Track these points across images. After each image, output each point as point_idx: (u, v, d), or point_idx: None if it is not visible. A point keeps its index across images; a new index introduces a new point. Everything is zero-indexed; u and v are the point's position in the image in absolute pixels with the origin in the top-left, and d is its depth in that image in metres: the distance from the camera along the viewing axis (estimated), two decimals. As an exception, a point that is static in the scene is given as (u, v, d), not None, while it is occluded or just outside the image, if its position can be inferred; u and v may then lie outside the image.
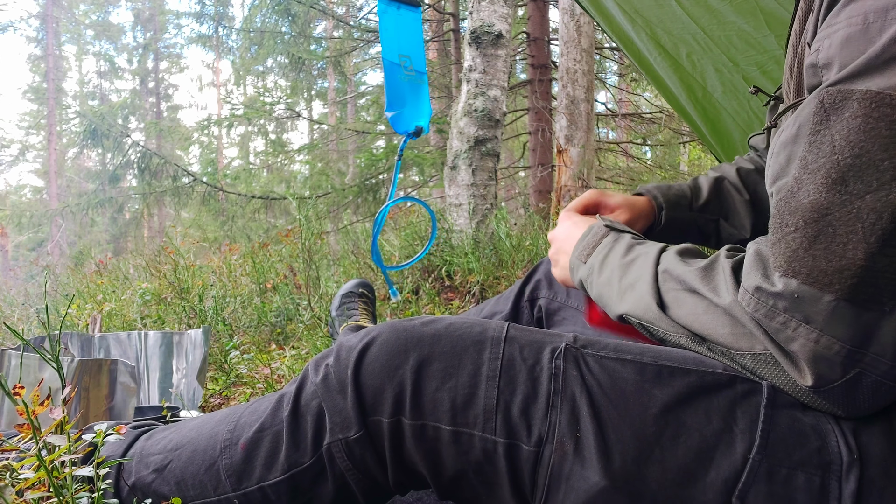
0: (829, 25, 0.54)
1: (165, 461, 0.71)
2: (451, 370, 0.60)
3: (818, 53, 0.54)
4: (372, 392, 0.62)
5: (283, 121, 13.36)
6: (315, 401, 0.65)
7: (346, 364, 0.64)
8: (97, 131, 8.58)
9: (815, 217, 0.50)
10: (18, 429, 0.65)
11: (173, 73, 24.67)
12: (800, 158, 0.53)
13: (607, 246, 0.74)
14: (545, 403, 0.57)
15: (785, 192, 0.53)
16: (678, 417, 0.55)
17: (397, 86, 1.20)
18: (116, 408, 1.12)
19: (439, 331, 0.63)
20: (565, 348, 0.60)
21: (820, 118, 0.51)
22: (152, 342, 1.52)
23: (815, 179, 0.51)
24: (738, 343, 0.56)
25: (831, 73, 0.52)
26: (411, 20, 1.21)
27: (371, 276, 2.97)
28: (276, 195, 7.16)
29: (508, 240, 3.06)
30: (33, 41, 21.48)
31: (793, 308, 0.51)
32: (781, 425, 0.53)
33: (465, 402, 0.59)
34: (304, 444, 0.65)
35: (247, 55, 12.45)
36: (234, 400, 1.62)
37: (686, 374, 0.57)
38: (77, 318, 2.45)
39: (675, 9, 1.42)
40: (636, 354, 0.60)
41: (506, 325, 0.64)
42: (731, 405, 0.55)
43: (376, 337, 0.64)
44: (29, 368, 1.07)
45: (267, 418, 0.67)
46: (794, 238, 0.52)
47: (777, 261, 0.53)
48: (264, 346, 2.14)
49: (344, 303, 1.58)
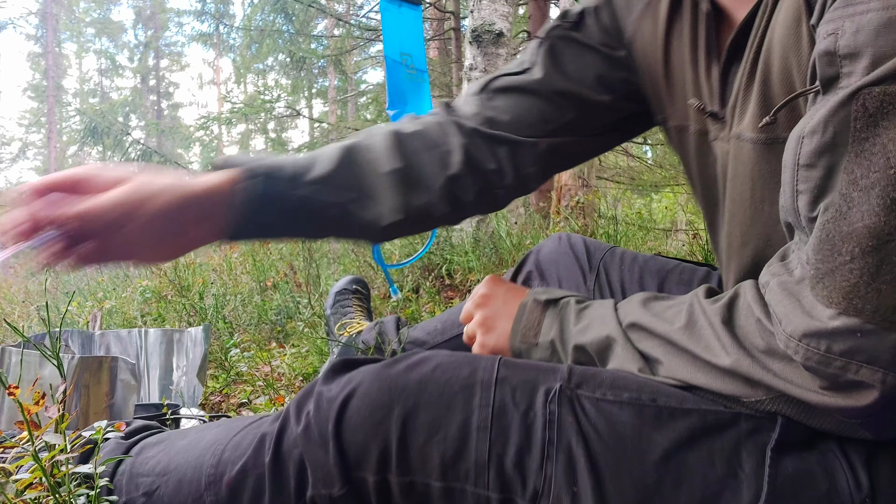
0: (848, 4, 0.45)
1: (154, 486, 0.69)
2: (440, 421, 0.56)
3: (836, 39, 0.45)
4: (355, 448, 0.58)
5: (284, 119, 13.35)
6: (297, 450, 0.61)
7: (326, 417, 0.59)
8: (97, 129, 8.58)
9: (875, 245, 0.43)
10: (19, 426, 0.65)
11: (174, 71, 24.68)
12: (845, 172, 0.44)
13: (555, 320, 0.69)
14: (540, 455, 0.54)
15: (833, 213, 0.45)
16: (680, 463, 0.51)
17: (399, 84, 1.20)
18: (117, 405, 1.12)
19: (425, 376, 0.58)
20: (559, 390, 0.56)
21: (864, 124, 0.43)
22: (153, 340, 1.52)
23: (868, 199, 0.43)
24: (752, 392, 0.52)
25: (859, 66, 0.44)
26: (412, 18, 1.21)
27: (371, 275, 2.97)
28: (277, 193, 7.15)
29: (509, 238, 3.06)
30: (33, 38, 21.48)
31: (853, 349, 0.44)
32: (788, 468, 0.50)
33: (456, 456, 0.55)
34: (287, 492, 0.61)
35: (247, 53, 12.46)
36: (234, 398, 1.62)
37: (686, 414, 0.53)
38: (77, 316, 2.45)
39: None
40: (633, 392, 0.55)
41: (496, 365, 0.59)
42: (736, 446, 0.51)
43: (357, 387, 0.60)
44: (29, 365, 1.07)
45: (249, 459, 0.63)
46: (851, 270, 0.44)
47: (832, 297, 0.45)
48: (264, 344, 2.14)
49: (338, 300, 1.55)
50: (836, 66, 0.46)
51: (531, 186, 0.86)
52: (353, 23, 8.88)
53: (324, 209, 0.73)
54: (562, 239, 1.13)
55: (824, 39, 0.47)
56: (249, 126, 17.50)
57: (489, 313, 0.77)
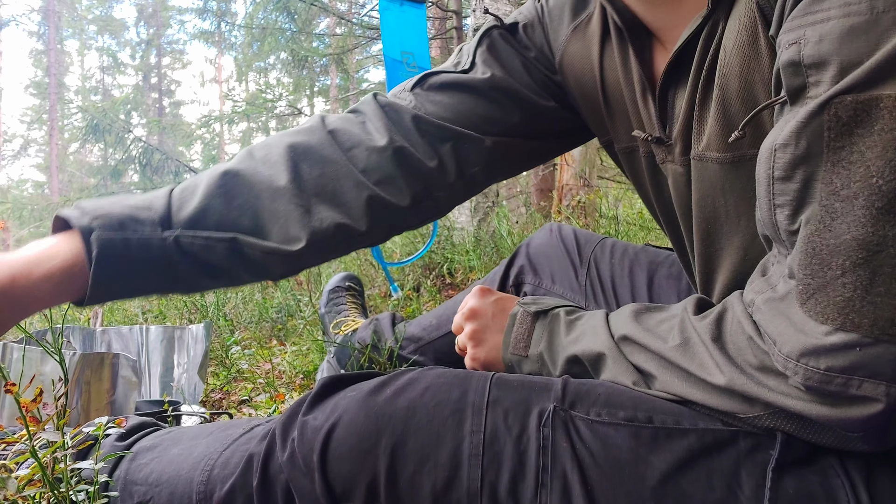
0: (808, 13, 0.44)
1: (147, 496, 0.69)
2: (429, 449, 0.54)
3: (800, 48, 0.44)
4: (341, 480, 0.57)
5: (285, 117, 13.35)
6: (283, 476, 0.60)
7: (310, 447, 0.58)
8: (99, 126, 8.58)
9: (865, 256, 0.42)
10: (20, 422, 0.65)
11: (176, 68, 24.67)
12: (824, 183, 0.43)
13: (544, 331, 0.68)
14: (534, 482, 0.52)
15: (816, 226, 0.44)
16: (678, 486, 0.50)
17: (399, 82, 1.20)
18: (118, 402, 1.12)
19: (413, 402, 0.56)
20: (553, 412, 0.54)
21: (838, 133, 0.42)
22: (154, 337, 1.52)
23: (853, 209, 0.42)
24: (750, 408, 0.51)
25: (826, 75, 0.43)
26: (415, 17, 1.21)
27: (372, 273, 2.97)
28: (278, 191, 7.15)
29: (510, 238, 3.06)
30: (35, 35, 21.49)
31: (854, 365, 0.43)
32: (789, 489, 0.49)
33: (447, 486, 0.54)
34: None
35: (249, 51, 12.47)
36: (234, 395, 1.62)
37: (684, 434, 0.52)
38: (79, 313, 2.45)
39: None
40: (629, 410, 0.54)
41: (488, 385, 0.57)
42: (735, 467, 0.50)
43: (342, 417, 0.58)
44: (31, 361, 1.07)
45: (238, 479, 0.63)
46: (844, 284, 0.43)
47: (826, 312, 0.44)
48: (265, 342, 2.15)
49: (332, 298, 1.53)
50: (802, 77, 0.45)
51: (473, 190, 0.80)
52: (354, 21, 8.88)
53: (208, 250, 0.62)
54: (553, 230, 1.12)
55: (787, 49, 0.46)
56: (251, 124, 17.52)
57: (478, 326, 0.76)
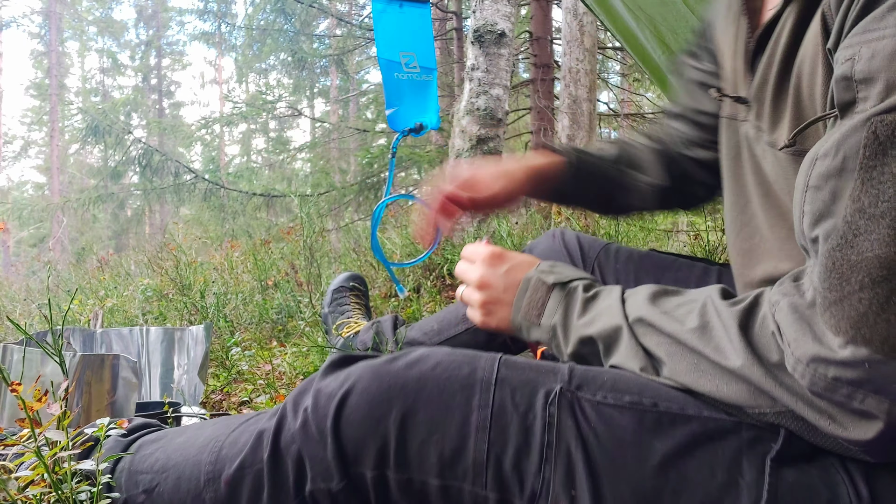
0: (866, 31, 0.46)
1: (153, 483, 0.69)
2: (438, 420, 0.56)
3: (853, 64, 0.46)
4: (353, 445, 0.58)
5: (285, 119, 13.35)
6: (294, 446, 0.61)
7: (324, 413, 0.60)
8: (99, 128, 8.58)
9: (885, 275, 0.43)
10: (20, 423, 0.65)
11: (176, 70, 24.70)
12: (851, 199, 0.44)
13: (559, 304, 0.68)
14: (538, 457, 0.54)
15: (838, 240, 0.45)
16: (680, 470, 0.51)
17: (394, 84, 1.20)
18: (118, 403, 1.12)
19: (424, 374, 0.59)
20: (560, 392, 0.56)
21: (874, 151, 0.43)
22: (154, 338, 1.52)
23: (878, 228, 0.43)
24: (756, 402, 0.52)
25: (873, 91, 0.44)
26: (418, 17, 1.21)
27: (372, 274, 2.97)
28: (278, 193, 7.16)
29: (510, 238, 3.06)
30: (36, 37, 21.50)
31: (862, 379, 0.44)
32: (789, 478, 0.50)
33: (454, 456, 0.56)
34: (287, 488, 0.62)
35: (249, 52, 12.46)
36: (234, 396, 1.62)
37: (688, 421, 0.53)
38: (79, 314, 2.45)
39: (679, 6, 1.41)
40: (635, 395, 0.55)
41: (496, 364, 0.59)
42: (737, 455, 0.51)
43: (356, 384, 0.60)
44: (31, 363, 1.07)
45: (247, 455, 0.64)
46: (860, 300, 0.44)
47: (841, 325, 0.45)
48: (265, 343, 2.15)
49: (335, 298, 1.54)
50: (852, 91, 0.46)
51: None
52: (354, 22, 8.88)
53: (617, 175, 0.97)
54: (556, 236, 1.12)
55: (842, 65, 0.47)
56: (251, 125, 17.51)
57: (488, 298, 0.76)
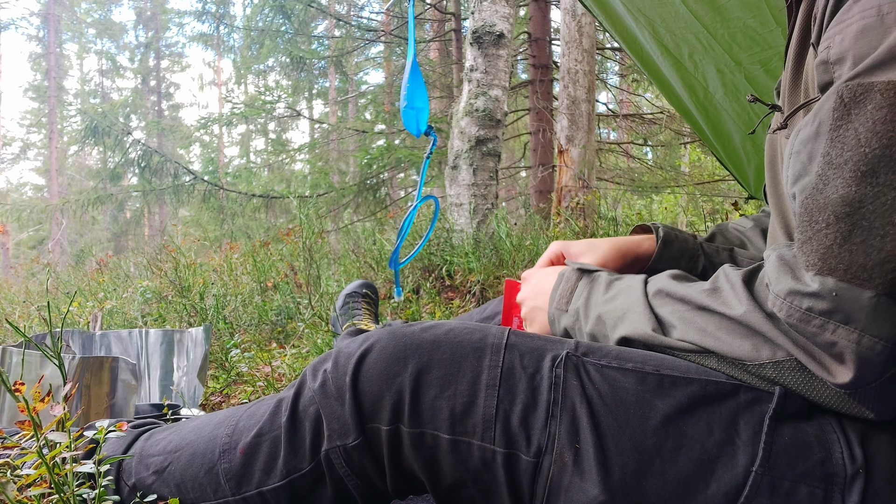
0: (839, 22, 0.53)
1: (165, 463, 0.71)
2: (451, 378, 0.60)
3: (829, 50, 0.53)
4: (370, 399, 0.61)
5: (284, 120, 13.36)
6: (313, 407, 0.64)
7: (344, 371, 0.63)
8: (98, 129, 8.57)
9: (848, 211, 0.48)
10: (20, 425, 0.65)
11: (175, 71, 24.70)
12: (822, 155, 0.51)
13: (585, 288, 0.72)
14: (545, 413, 0.57)
15: (810, 190, 0.51)
16: (679, 428, 0.54)
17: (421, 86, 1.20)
18: (118, 405, 1.12)
19: (439, 337, 0.63)
20: (566, 356, 0.59)
21: (841, 113, 0.50)
22: (153, 340, 1.52)
23: (842, 174, 0.49)
24: (757, 353, 0.54)
25: (845, 68, 0.51)
26: None
27: (371, 276, 2.97)
28: (277, 194, 7.16)
29: (509, 240, 3.06)
30: (34, 39, 21.48)
31: (831, 309, 0.49)
32: (785, 437, 0.53)
33: (464, 411, 0.58)
34: (303, 451, 0.64)
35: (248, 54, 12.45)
36: (234, 398, 1.62)
37: (688, 383, 0.56)
38: (78, 316, 2.45)
39: (678, 7, 1.42)
40: (637, 363, 0.59)
41: (506, 332, 0.63)
42: (734, 415, 0.54)
43: (375, 343, 0.64)
44: (30, 365, 1.07)
45: (265, 423, 0.67)
46: (826, 234, 0.49)
47: (809, 260, 0.50)
48: (265, 345, 2.15)
49: (347, 302, 1.60)
50: (829, 73, 0.53)
51: None
52: (353, 23, 8.88)
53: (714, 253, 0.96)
54: None
55: (821, 53, 0.54)
56: (250, 126, 17.50)
57: (526, 310, 0.81)
